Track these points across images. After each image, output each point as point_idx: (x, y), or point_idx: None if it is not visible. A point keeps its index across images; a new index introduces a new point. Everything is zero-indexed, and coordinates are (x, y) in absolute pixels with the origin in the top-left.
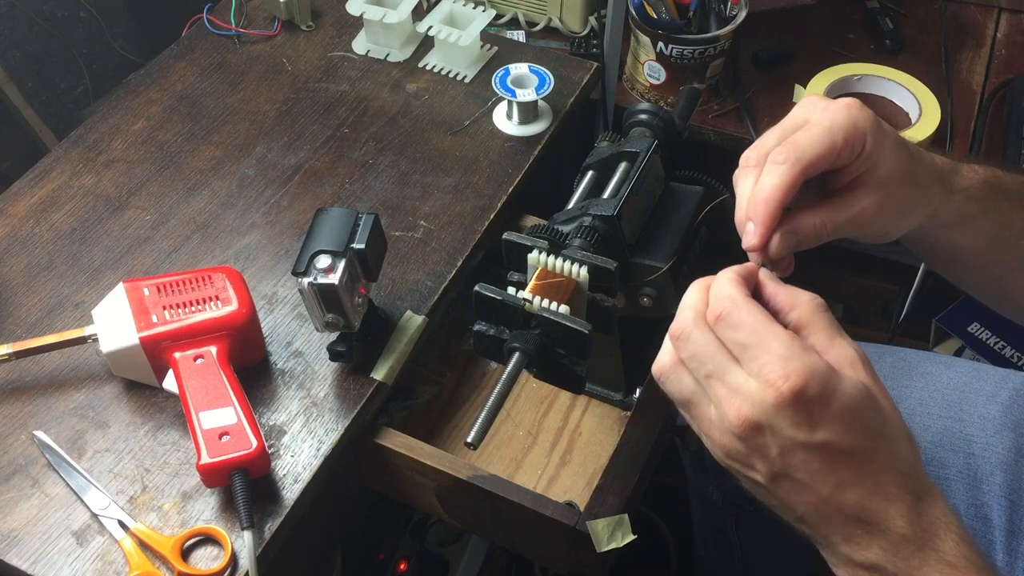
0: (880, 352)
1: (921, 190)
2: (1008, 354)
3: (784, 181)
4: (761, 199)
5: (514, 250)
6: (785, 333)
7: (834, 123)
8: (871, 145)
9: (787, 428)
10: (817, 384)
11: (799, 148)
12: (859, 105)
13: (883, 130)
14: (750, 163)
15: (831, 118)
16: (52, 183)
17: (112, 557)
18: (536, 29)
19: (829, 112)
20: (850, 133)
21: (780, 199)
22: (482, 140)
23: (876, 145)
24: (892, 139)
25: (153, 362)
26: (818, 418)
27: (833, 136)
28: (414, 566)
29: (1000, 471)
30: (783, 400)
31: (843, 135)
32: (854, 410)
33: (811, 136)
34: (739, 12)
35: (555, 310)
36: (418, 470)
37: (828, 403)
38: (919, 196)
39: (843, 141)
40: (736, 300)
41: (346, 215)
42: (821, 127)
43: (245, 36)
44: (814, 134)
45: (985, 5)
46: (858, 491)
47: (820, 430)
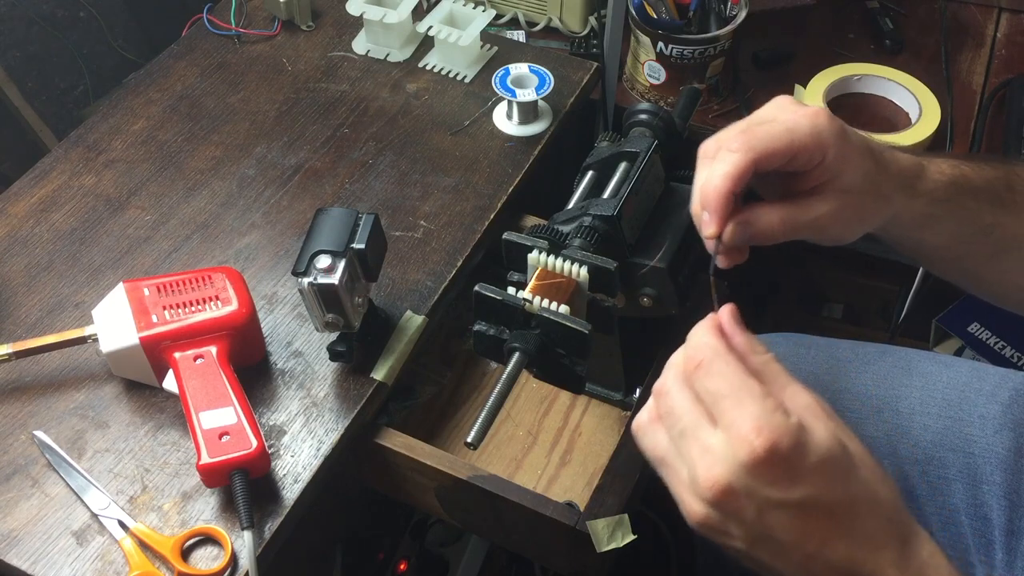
0: (880, 352)
1: (883, 198)
2: (1008, 354)
3: (734, 169)
4: (711, 187)
5: (514, 250)
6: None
7: (797, 125)
8: (833, 155)
9: (763, 488)
10: (789, 441)
11: (754, 138)
12: (827, 114)
13: (848, 141)
14: (708, 154)
15: (796, 120)
16: (52, 183)
17: (112, 557)
18: (536, 29)
19: (796, 115)
20: (811, 139)
21: (729, 187)
22: (482, 140)
23: (839, 155)
24: (858, 150)
25: (153, 362)
26: (794, 474)
27: (792, 136)
28: (414, 566)
29: (1000, 471)
30: (756, 458)
31: (803, 138)
32: (830, 461)
33: (769, 130)
34: (739, 12)
35: (555, 310)
36: (418, 470)
37: (803, 457)
38: (880, 204)
39: (801, 144)
40: (716, 349)
41: (346, 215)
42: (783, 125)
43: (245, 36)
44: (772, 129)
45: (985, 5)
46: (844, 544)
47: (798, 487)
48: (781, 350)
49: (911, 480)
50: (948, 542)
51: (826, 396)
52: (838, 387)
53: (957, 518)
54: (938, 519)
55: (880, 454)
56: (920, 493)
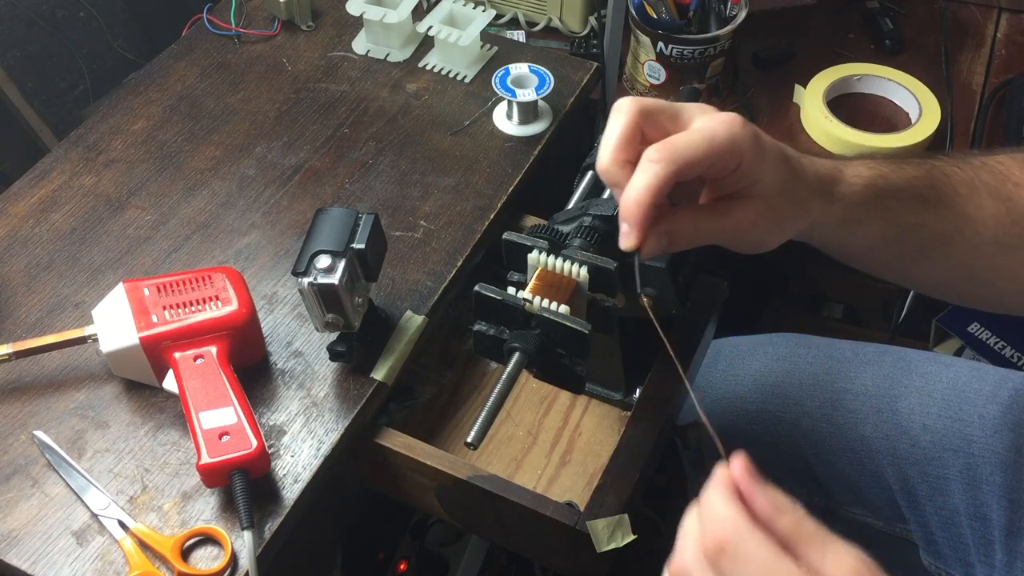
0: (880, 352)
1: (799, 205)
2: (1008, 354)
3: (656, 181)
4: (633, 199)
5: (514, 250)
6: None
7: (715, 133)
8: (748, 162)
9: None
10: None
11: (675, 149)
12: (742, 122)
13: (763, 148)
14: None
15: (713, 128)
16: (52, 183)
17: (112, 557)
18: (536, 29)
19: (714, 122)
20: (728, 147)
21: (651, 200)
22: (482, 140)
23: (754, 162)
24: (773, 156)
25: (153, 362)
26: None
27: (711, 144)
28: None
29: (1000, 471)
30: None
31: (721, 146)
32: None
33: (689, 140)
34: (739, 12)
35: (555, 310)
36: (418, 470)
37: None
38: (796, 211)
39: (719, 151)
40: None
41: (346, 215)
42: (701, 134)
43: (245, 36)
44: (692, 138)
45: (985, 5)
46: None
47: None
48: (781, 351)
49: (911, 480)
50: (948, 542)
51: (826, 397)
52: (837, 387)
53: (957, 518)
54: (938, 519)
55: (880, 454)
56: (920, 493)
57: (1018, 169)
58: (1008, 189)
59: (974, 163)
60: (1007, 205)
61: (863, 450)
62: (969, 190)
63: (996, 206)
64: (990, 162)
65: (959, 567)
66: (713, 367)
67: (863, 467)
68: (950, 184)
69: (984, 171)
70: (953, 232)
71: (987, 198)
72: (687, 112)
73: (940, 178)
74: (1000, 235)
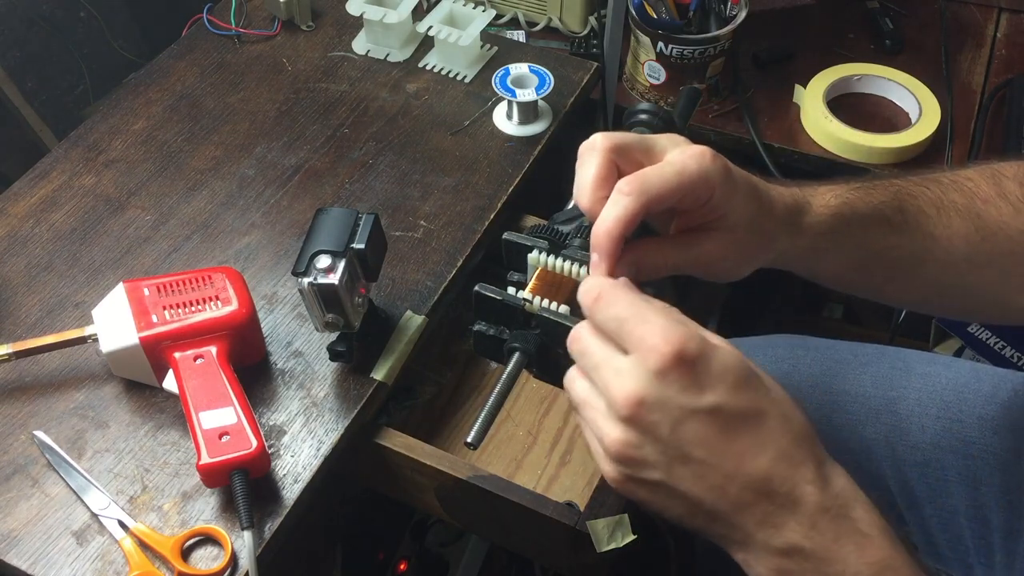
0: (878, 353)
1: (766, 238)
2: (1008, 354)
3: (626, 214)
4: (603, 230)
5: (514, 250)
6: (660, 305)
7: (686, 167)
8: (719, 196)
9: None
10: (695, 346)
11: (646, 182)
12: (712, 155)
13: (733, 182)
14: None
15: (684, 162)
16: (52, 183)
17: (112, 557)
18: (536, 29)
19: (684, 156)
20: (699, 181)
21: (621, 232)
22: (482, 140)
23: (724, 196)
24: (743, 191)
25: (153, 362)
26: (703, 380)
27: (681, 179)
28: (414, 566)
29: (999, 472)
30: (665, 363)
31: (691, 180)
32: (737, 370)
33: (661, 174)
34: (739, 12)
35: (555, 310)
36: (418, 470)
37: (709, 364)
38: (764, 243)
39: (690, 185)
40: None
41: (346, 215)
42: (673, 167)
43: (245, 36)
44: (665, 172)
45: (985, 5)
46: (761, 459)
47: (708, 392)
48: (780, 352)
49: (910, 482)
50: (948, 543)
51: (825, 398)
52: (837, 389)
53: (956, 520)
54: (937, 521)
55: (879, 455)
56: (919, 494)
57: (986, 185)
58: (977, 206)
59: (943, 181)
60: (976, 223)
61: (862, 452)
62: (937, 211)
63: (965, 225)
64: (959, 179)
65: (959, 568)
66: None
67: (862, 469)
68: (918, 206)
69: (953, 190)
70: (922, 253)
71: (956, 217)
72: (659, 144)
73: (908, 200)
74: (970, 253)
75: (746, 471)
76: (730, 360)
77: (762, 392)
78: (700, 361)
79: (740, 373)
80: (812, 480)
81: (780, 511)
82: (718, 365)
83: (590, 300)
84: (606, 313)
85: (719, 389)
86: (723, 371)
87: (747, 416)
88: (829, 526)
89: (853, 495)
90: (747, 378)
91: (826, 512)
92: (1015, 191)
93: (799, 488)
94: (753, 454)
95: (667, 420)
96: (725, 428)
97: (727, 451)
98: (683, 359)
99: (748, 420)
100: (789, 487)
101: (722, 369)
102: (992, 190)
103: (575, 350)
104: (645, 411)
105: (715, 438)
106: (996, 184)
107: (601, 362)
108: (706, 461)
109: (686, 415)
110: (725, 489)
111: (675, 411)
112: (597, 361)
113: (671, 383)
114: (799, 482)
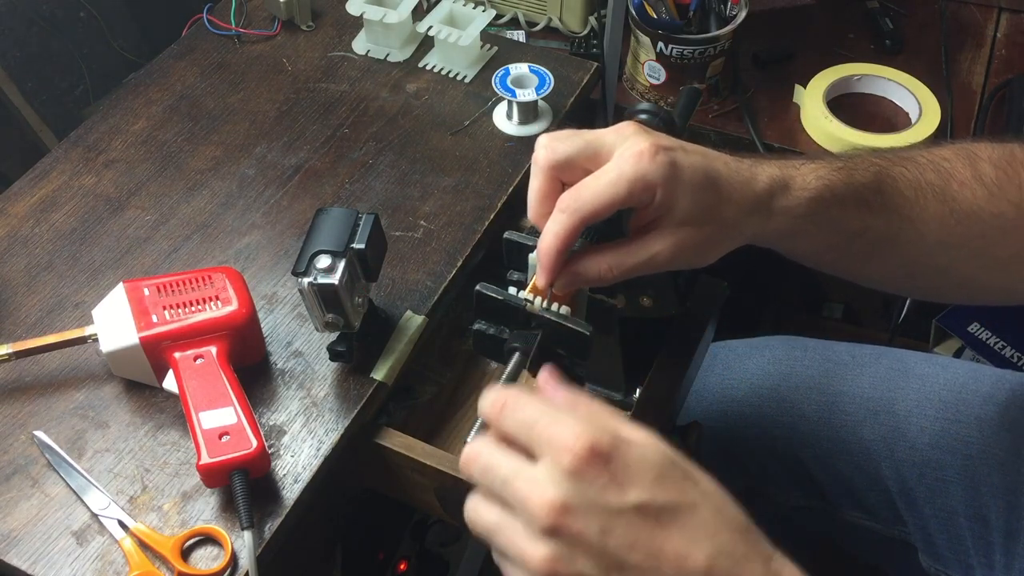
0: (877, 354)
1: (727, 227)
2: (1008, 354)
3: (563, 230)
4: (543, 247)
5: (515, 249)
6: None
7: (622, 173)
8: (662, 196)
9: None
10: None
11: (580, 199)
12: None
13: (678, 179)
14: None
15: (620, 168)
16: (52, 183)
17: (112, 557)
18: (536, 29)
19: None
20: (636, 185)
21: (560, 247)
22: (482, 140)
23: (668, 196)
24: (692, 185)
25: (153, 362)
26: (622, 477)
27: (617, 188)
28: (414, 566)
29: (998, 472)
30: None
31: (628, 186)
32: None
33: (596, 187)
34: (739, 12)
35: (556, 311)
36: (418, 470)
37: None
38: (725, 232)
39: (627, 192)
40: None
41: (346, 215)
42: (608, 177)
43: (245, 36)
44: (599, 186)
45: (985, 5)
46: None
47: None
48: (778, 353)
49: (909, 482)
50: (947, 544)
51: (824, 399)
52: (835, 390)
53: (956, 520)
54: (937, 521)
55: (878, 456)
56: (918, 495)
57: (962, 167)
58: (953, 189)
59: (920, 162)
60: (951, 206)
61: (861, 453)
62: (915, 192)
63: (940, 207)
64: (936, 159)
65: (958, 568)
66: (710, 371)
67: (861, 470)
68: (896, 187)
69: (930, 170)
70: (897, 235)
71: (932, 200)
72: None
73: (887, 181)
74: (944, 236)
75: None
76: (649, 453)
77: (689, 484)
78: (615, 456)
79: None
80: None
81: None
82: (636, 459)
83: (496, 411)
84: (513, 419)
85: (642, 484)
86: (642, 464)
87: (677, 511)
88: None
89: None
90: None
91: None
92: (990, 173)
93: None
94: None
95: (594, 525)
96: (656, 526)
97: (663, 551)
98: (596, 455)
99: (679, 515)
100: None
101: (640, 462)
102: (968, 172)
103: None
104: (570, 518)
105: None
106: (972, 166)
107: (510, 475)
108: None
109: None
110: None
111: (600, 513)
112: (505, 474)
113: (590, 482)
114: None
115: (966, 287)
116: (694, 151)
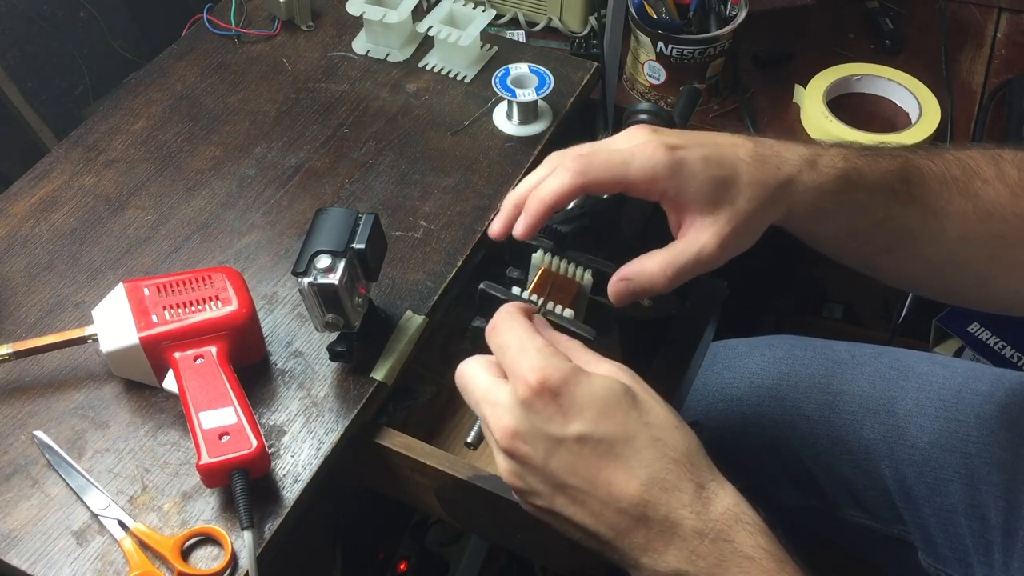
0: (876, 353)
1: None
2: (1008, 354)
3: (561, 187)
4: (538, 196)
5: (517, 248)
6: (543, 341)
7: (633, 158)
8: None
9: (542, 425)
10: (559, 376)
11: (589, 164)
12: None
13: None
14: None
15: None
16: (52, 183)
17: (112, 557)
18: (536, 29)
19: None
20: (643, 173)
21: (552, 202)
22: (482, 140)
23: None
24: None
25: (153, 362)
26: (567, 410)
27: (626, 168)
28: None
29: (997, 470)
30: (530, 393)
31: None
32: (603, 399)
33: (607, 159)
34: (739, 12)
35: (560, 313)
36: (418, 470)
37: (574, 394)
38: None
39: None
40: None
41: (346, 215)
42: (621, 156)
43: (245, 36)
44: (610, 159)
45: (985, 5)
46: (632, 485)
47: (573, 421)
48: (778, 352)
49: (908, 481)
50: (946, 543)
51: (824, 398)
52: (835, 389)
53: (955, 519)
54: (936, 520)
55: (877, 456)
56: (917, 494)
57: (987, 166)
58: (976, 186)
59: (947, 157)
60: (974, 202)
61: (860, 452)
62: (940, 185)
63: (963, 203)
64: (962, 157)
65: (958, 567)
66: (709, 370)
67: (861, 469)
68: (922, 179)
69: (955, 166)
70: (920, 227)
71: (956, 194)
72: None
73: (913, 172)
74: (965, 232)
75: (618, 497)
76: (598, 389)
77: (632, 417)
78: (564, 391)
79: (606, 400)
80: (688, 504)
81: (659, 536)
82: (584, 394)
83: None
84: (494, 341)
85: (584, 417)
86: (589, 400)
87: (614, 442)
88: (710, 550)
89: (735, 518)
90: (615, 404)
91: (703, 536)
92: (1014, 175)
93: (674, 513)
94: (624, 480)
95: (539, 450)
96: (593, 455)
97: (597, 478)
98: (545, 389)
99: (615, 446)
100: (664, 512)
101: (588, 398)
102: (992, 171)
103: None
104: (518, 442)
105: (584, 466)
106: (996, 166)
107: (480, 398)
108: (580, 487)
109: (554, 444)
110: (603, 515)
111: (544, 441)
112: (477, 397)
113: (538, 412)
114: (675, 507)
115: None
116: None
